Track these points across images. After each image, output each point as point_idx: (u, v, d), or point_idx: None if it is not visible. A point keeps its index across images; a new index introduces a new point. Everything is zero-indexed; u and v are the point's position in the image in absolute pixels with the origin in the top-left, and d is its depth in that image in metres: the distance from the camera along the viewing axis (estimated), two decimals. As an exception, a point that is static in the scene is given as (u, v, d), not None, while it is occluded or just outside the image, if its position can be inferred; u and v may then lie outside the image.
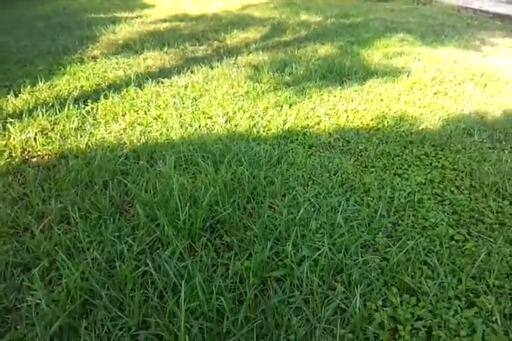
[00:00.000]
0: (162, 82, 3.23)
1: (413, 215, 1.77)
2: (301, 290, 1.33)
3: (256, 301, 1.28)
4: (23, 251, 1.41)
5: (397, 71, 3.72)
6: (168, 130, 2.39)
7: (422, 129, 2.56)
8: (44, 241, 1.43)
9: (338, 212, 1.70)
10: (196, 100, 2.89)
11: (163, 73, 3.49)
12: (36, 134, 2.22)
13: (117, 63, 3.77)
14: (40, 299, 1.21)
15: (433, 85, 3.37)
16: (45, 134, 2.27)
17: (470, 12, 7.63)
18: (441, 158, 2.24)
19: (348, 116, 2.70)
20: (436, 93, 3.21)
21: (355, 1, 8.84)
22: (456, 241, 1.63)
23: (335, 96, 3.06)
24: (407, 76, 3.59)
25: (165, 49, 4.31)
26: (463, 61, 4.15)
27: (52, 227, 1.51)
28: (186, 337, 1.09)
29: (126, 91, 2.97)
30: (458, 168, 2.14)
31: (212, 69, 3.63)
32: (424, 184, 2.01)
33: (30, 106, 2.60)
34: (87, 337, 1.14)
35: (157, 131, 2.38)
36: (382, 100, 3.02)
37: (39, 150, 2.09)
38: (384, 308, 1.31)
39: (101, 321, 1.18)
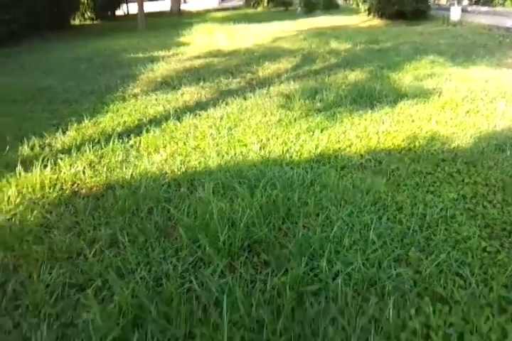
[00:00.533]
0: (199, 115, 3.41)
1: (446, 230, 1.81)
2: (336, 302, 1.39)
3: (293, 313, 1.35)
4: (78, 273, 1.55)
5: (427, 92, 3.78)
6: (205, 159, 2.53)
7: (454, 147, 2.61)
8: (96, 263, 1.56)
9: (370, 229, 1.76)
10: (231, 130, 3.04)
11: (199, 106, 3.69)
12: (84, 167, 2.40)
13: (157, 99, 4.01)
14: (94, 315, 1.33)
15: (464, 104, 3.41)
16: (93, 167, 2.45)
17: (502, 30, 7.63)
18: (473, 174, 2.28)
19: (379, 138, 2.77)
20: (467, 111, 3.25)
21: (384, 27, 8.99)
22: (489, 252, 1.66)
23: (365, 119, 3.14)
24: (438, 96, 3.64)
25: (201, 84, 4.54)
26: (494, 79, 4.17)
27: (103, 251, 1.65)
28: (229, 345, 1.17)
29: (166, 125, 3.15)
30: (490, 183, 2.17)
31: (245, 100, 3.80)
32: (457, 200, 2.04)
33: (78, 142, 2.81)
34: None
35: (196, 160, 2.53)
36: (413, 121, 3.08)
37: (87, 182, 2.26)
38: (417, 317, 1.35)
39: (151, 333, 1.28)
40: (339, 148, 2.65)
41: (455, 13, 9.41)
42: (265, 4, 16.87)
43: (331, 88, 3.99)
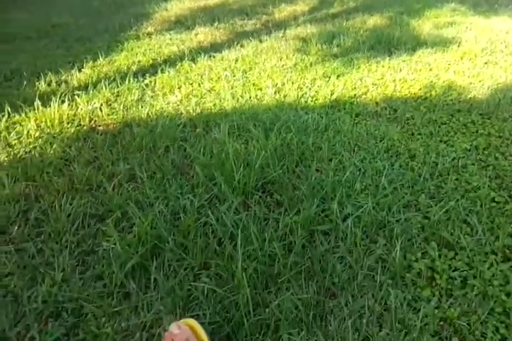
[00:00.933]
0: (214, 56, 3.36)
1: (456, 179, 1.84)
2: (345, 242, 1.45)
3: (304, 250, 1.42)
4: (98, 204, 1.61)
5: (447, 41, 3.68)
6: (220, 101, 2.53)
7: (470, 98, 2.58)
8: (116, 196, 1.62)
9: (382, 175, 1.79)
10: (246, 73, 3.01)
11: (214, 48, 3.62)
12: (101, 105, 2.42)
13: (171, 39, 3.94)
14: (114, 243, 1.40)
15: (483, 55, 3.34)
16: (109, 105, 2.47)
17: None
18: (487, 125, 2.27)
19: (395, 86, 2.75)
20: (486, 63, 3.18)
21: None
22: (497, 202, 1.70)
23: (383, 66, 3.10)
24: (458, 46, 3.55)
25: (215, 24, 4.43)
26: (516, 31, 4.04)
27: (122, 185, 1.70)
28: (243, 275, 1.24)
29: (181, 66, 3.12)
30: (504, 135, 2.17)
31: (261, 42, 3.73)
32: (469, 150, 2.06)
33: (94, 80, 2.81)
34: (156, 275, 1.32)
35: (211, 101, 2.53)
36: (430, 70, 3.03)
37: (105, 119, 2.29)
38: (423, 260, 1.41)
39: (168, 262, 1.35)
40: (355, 95, 2.63)
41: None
42: None
43: (349, 33, 3.89)
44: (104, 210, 1.57)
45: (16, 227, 1.50)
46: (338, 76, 2.92)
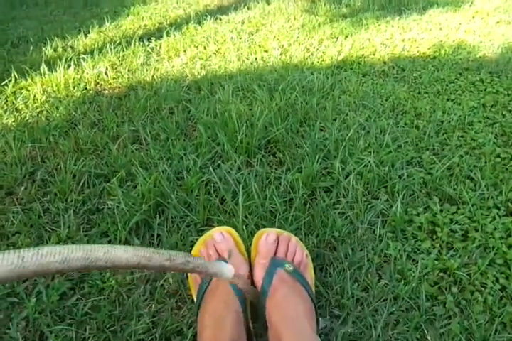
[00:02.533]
0: (220, 19, 3.31)
1: (462, 136, 1.83)
2: (347, 198, 1.47)
3: (305, 206, 1.43)
4: (103, 165, 1.63)
5: (459, 1, 3.57)
6: (226, 63, 2.51)
7: (480, 57, 2.52)
8: (120, 156, 1.64)
9: (386, 133, 1.78)
10: (253, 35, 2.97)
11: (220, 10, 3.57)
12: (107, 69, 2.42)
13: (177, 2, 3.89)
14: (119, 202, 1.43)
15: (496, 14, 3.24)
16: (115, 69, 2.46)
17: None
18: (496, 84, 2.23)
19: (404, 46, 2.69)
20: (498, 22, 3.09)
21: None
22: (502, 158, 1.68)
23: (392, 26, 3.03)
24: (470, 5, 3.46)
25: (223, -14, 4.34)
26: (534, -13, 3.89)
27: (127, 146, 1.72)
28: (244, 228, 1.27)
29: (187, 29, 3.09)
30: (512, 93, 2.13)
31: (268, 4, 3.66)
32: (476, 108, 2.03)
33: (99, 45, 2.80)
34: (159, 231, 1.35)
35: (216, 64, 2.51)
36: (440, 29, 2.96)
37: (110, 83, 2.29)
38: (424, 214, 1.41)
39: (171, 218, 1.38)
40: (362, 55, 2.59)
41: None
42: None
43: (359, -7, 3.79)
44: (108, 170, 1.60)
45: (23, 188, 1.53)
46: (346, 36, 2.87)
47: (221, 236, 1.12)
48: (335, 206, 1.45)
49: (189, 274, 1.15)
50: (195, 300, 1.09)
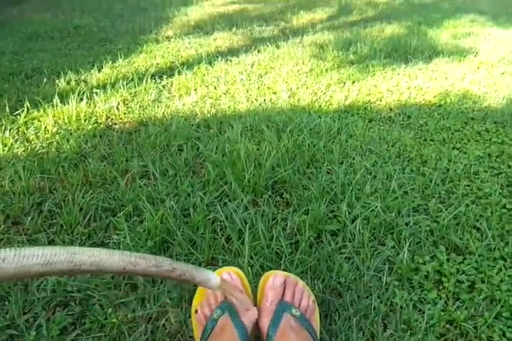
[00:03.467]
0: (230, 60, 3.40)
1: (468, 185, 1.84)
2: (353, 243, 1.46)
3: (311, 249, 1.42)
4: (110, 199, 1.63)
5: (464, 51, 3.68)
6: (235, 103, 2.56)
7: (485, 107, 2.58)
8: (128, 191, 1.64)
9: (393, 179, 1.79)
10: (262, 77, 3.04)
11: (231, 52, 3.66)
12: (118, 104, 2.46)
13: (189, 43, 3.99)
14: (124, 236, 1.42)
15: (500, 65, 3.33)
16: (126, 104, 2.51)
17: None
18: (501, 134, 2.26)
19: (410, 93, 2.75)
20: (503, 73, 3.18)
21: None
22: (508, 209, 1.68)
23: (398, 74, 3.10)
24: (475, 56, 3.55)
25: (234, 30, 4.48)
26: (536, 42, 4.02)
27: (135, 180, 1.73)
28: (249, 270, 1.25)
29: (198, 68, 3.17)
30: (517, 143, 2.16)
31: (278, 48, 3.76)
32: (482, 157, 2.05)
33: (112, 80, 2.86)
34: (164, 268, 1.33)
35: (225, 104, 2.56)
36: (446, 78, 3.03)
37: (121, 118, 2.33)
38: (431, 263, 1.40)
39: (176, 256, 1.37)
40: (369, 101, 2.64)
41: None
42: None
43: (366, 41, 3.91)
44: (116, 204, 1.60)
45: (30, 218, 1.53)
46: (353, 82, 2.94)
47: (229, 277, 1.11)
48: (341, 250, 1.44)
49: (193, 314, 1.13)
50: (198, 342, 1.06)
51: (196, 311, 1.11)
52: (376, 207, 1.58)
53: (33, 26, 4.64)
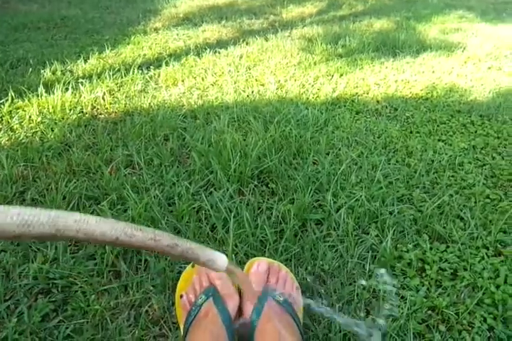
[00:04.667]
0: (219, 52, 3.39)
1: (452, 176, 1.85)
2: (337, 231, 1.46)
3: (295, 238, 1.43)
4: (94, 188, 1.62)
5: (452, 46, 3.70)
6: (223, 94, 2.55)
7: (471, 100, 2.60)
8: (112, 180, 1.63)
9: (378, 169, 1.80)
10: (250, 69, 3.03)
11: (220, 44, 3.65)
12: (104, 94, 2.44)
13: (178, 35, 3.97)
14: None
15: (487, 60, 3.36)
16: (112, 94, 2.49)
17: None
18: (486, 126, 2.28)
19: (397, 86, 2.76)
20: (489, 67, 3.20)
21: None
22: (492, 199, 1.70)
23: (386, 67, 3.11)
24: (462, 51, 3.58)
25: (223, 22, 4.46)
26: (523, 37, 4.06)
27: (119, 170, 1.72)
28: (233, 257, 1.25)
29: (186, 60, 3.15)
30: (502, 136, 2.18)
31: (266, 41, 3.75)
32: (467, 149, 2.07)
33: (98, 71, 2.83)
34: (147, 256, 1.33)
35: (213, 95, 2.55)
36: (433, 72, 3.05)
37: (107, 108, 2.31)
38: (414, 251, 1.41)
39: (161, 244, 1.36)
40: (356, 94, 2.65)
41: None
42: None
43: (355, 35, 3.92)
44: (100, 193, 1.59)
45: (13, 207, 1.51)
46: (341, 75, 2.94)
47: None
48: (325, 239, 1.44)
49: (177, 299, 1.13)
50: (181, 327, 1.06)
51: (181, 296, 1.11)
52: (361, 196, 1.59)
53: (18, 17, 4.57)
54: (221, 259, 0.73)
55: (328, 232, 1.46)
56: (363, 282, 1.24)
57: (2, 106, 2.22)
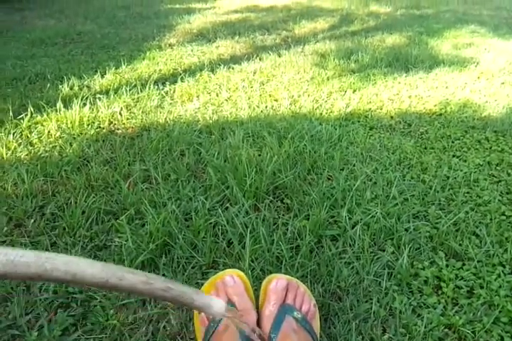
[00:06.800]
0: (233, 68, 3.43)
1: (467, 192, 1.85)
2: (353, 248, 1.47)
3: (311, 254, 1.43)
4: (113, 202, 1.64)
5: (465, 61, 3.71)
6: (237, 110, 2.58)
7: (485, 116, 2.60)
8: (130, 195, 1.65)
9: (393, 185, 1.81)
10: (264, 84, 3.07)
11: (233, 60, 3.70)
12: (121, 109, 2.48)
13: (192, 50, 4.02)
14: (126, 239, 1.43)
15: (500, 75, 3.36)
16: (129, 110, 2.53)
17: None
18: (501, 142, 2.28)
19: (411, 102, 2.77)
20: (503, 83, 3.20)
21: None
22: (507, 216, 1.70)
23: (399, 83, 3.13)
24: (475, 66, 3.58)
25: (236, 38, 4.52)
26: (536, 52, 4.06)
27: (137, 184, 1.74)
28: (250, 273, 1.26)
29: (200, 76, 3.19)
30: (517, 151, 2.18)
31: (279, 56, 3.79)
32: (482, 165, 2.06)
33: (115, 86, 2.88)
34: (165, 271, 1.34)
35: (227, 110, 2.58)
36: (446, 88, 3.06)
37: (124, 123, 2.35)
38: (430, 268, 1.41)
39: (177, 259, 1.38)
40: (370, 109, 2.66)
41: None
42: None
43: (367, 50, 3.95)
44: (118, 208, 1.61)
45: (32, 221, 1.54)
46: (354, 90, 2.96)
47: (232, 279, 1.11)
48: (341, 255, 1.45)
49: (195, 315, 1.14)
50: (199, 344, 1.07)
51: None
52: (376, 213, 1.59)
53: (36, 32, 4.68)
54: (218, 305, 0.70)
55: (343, 249, 1.47)
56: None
57: (21, 121, 2.26)
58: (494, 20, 5.69)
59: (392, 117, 2.56)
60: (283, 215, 1.63)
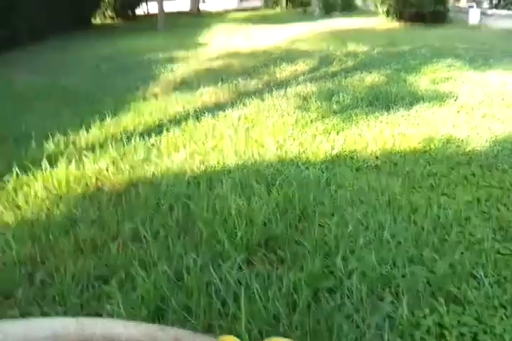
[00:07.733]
0: (217, 115, 3.47)
1: (460, 232, 1.84)
2: (351, 299, 1.44)
3: (309, 309, 1.40)
4: (102, 266, 1.61)
5: (444, 96, 3.79)
6: (224, 158, 2.59)
7: (469, 151, 2.63)
8: (119, 256, 1.62)
9: (385, 229, 1.80)
10: (249, 130, 3.10)
11: (218, 107, 3.75)
12: (108, 165, 2.48)
13: (176, 99, 4.08)
14: (118, 306, 1.39)
15: (480, 108, 3.43)
16: (115, 165, 2.52)
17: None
18: (487, 177, 2.30)
19: (394, 140, 2.80)
20: (483, 116, 3.26)
21: (402, 30, 8.97)
22: (503, 255, 1.69)
23: (381, 121, 3.18)
24: (455, 100, 3.66)
25: (219, 84, 4.60)
26: (512, 83, 4.16)
27: (126, 244, 1.71)
28: (247, 337, 1.22)
29: (186, 125, 3.22)
30: (504, 186, 2.19)
31: (263, 101, 3.85)
32: (471, 202, 2.07)
33: (101, 140, 2.89)
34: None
35: (214, 159, 2.58)
36: (428, 124, 3.11)
37: (111, 179, 2.34)
38: (431, 316, 1.38)
39: (171, 324, 1.34)
40: (355, 150, 2.69)
41: (474, 16, 9.39)
42: (284, 5, 16.81)
43: (348, 90, 4.03)
44: (107, 271, 1.58)
45: (21, 290, 1.49)
46: (337, 132, 3.00)
47: None
48: (340, 308, 1.41)
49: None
50: None
51: None
52: (371, 259, 1.57)
53: (19, 87, 4.73)
54: None
55: (342, 301, 1.44)
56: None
57: (7, 182, 2.25)
58: (469, 53, 5.86)
59: (377, 157, 2.58)
60: (277, 268, 1.60)
